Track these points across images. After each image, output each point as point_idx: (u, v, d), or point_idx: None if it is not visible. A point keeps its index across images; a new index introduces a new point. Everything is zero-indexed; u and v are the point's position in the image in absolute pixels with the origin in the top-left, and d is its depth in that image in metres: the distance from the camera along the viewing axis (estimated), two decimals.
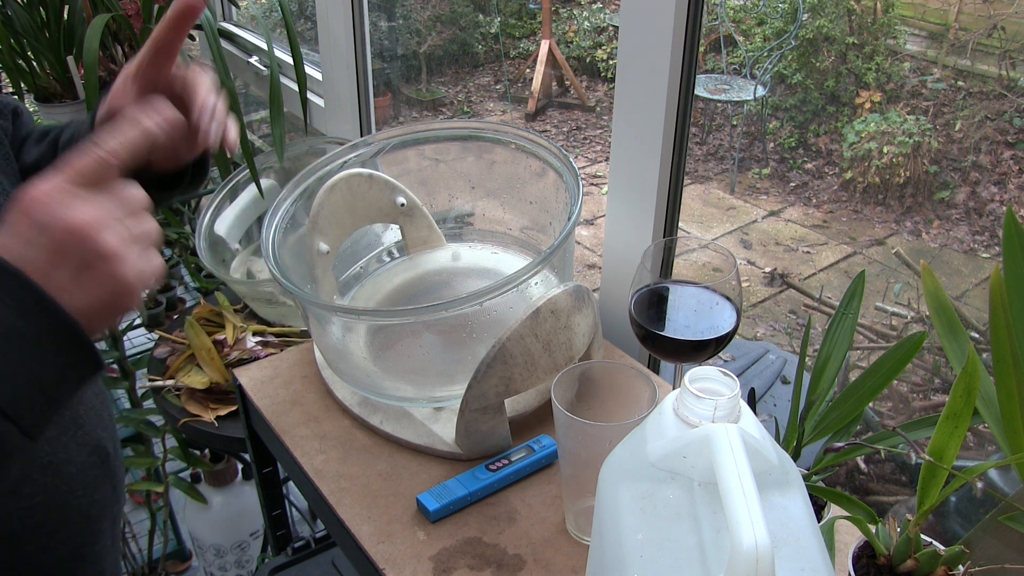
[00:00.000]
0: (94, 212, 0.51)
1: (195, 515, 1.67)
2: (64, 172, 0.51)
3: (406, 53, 4.94)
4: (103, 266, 0.51)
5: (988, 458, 1.46)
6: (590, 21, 5.00)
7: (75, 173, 0.51)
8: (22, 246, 0.50)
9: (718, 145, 4.17)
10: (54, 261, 0.50)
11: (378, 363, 0.95)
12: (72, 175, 0.51)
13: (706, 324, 0.80)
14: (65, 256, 0.50)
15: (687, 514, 0.50)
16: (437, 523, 0.81)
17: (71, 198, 0.51)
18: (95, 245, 0.50)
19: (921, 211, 3.31)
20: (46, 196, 0.50)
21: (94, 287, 0.51)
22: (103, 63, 1.48)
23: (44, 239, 0.50)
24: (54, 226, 0.50)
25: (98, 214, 0.51)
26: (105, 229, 0.51)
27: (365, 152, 1.06)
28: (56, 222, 0.50)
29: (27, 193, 0.51)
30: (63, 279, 0.50)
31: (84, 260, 0.50)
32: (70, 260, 0.50)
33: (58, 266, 0.50)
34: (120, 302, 0.53)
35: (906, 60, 3.62)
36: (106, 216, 0.51)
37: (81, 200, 0.51)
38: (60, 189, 0.51)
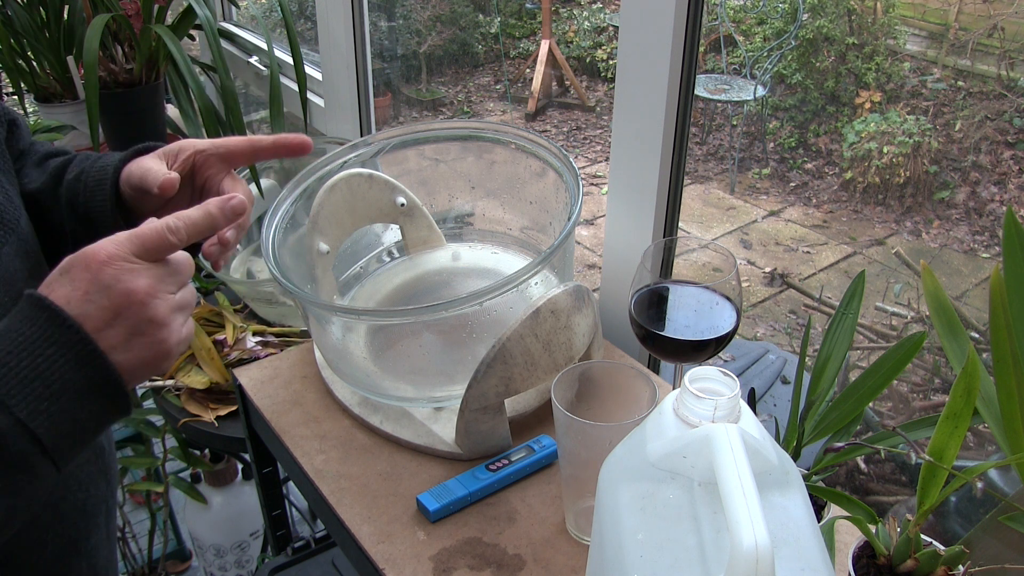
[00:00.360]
0: (151, 282, 0.56)
1: (195, 515, 1.67)
2: (131, 240, 0.57)
3: (406, 53, 4.94)
4: (153, 332, 0.57)
5: (988, 458, 1.46)
6: (590, 21, 5.00)
7: (140, 244, 0.57)
8: (82, 302, 0.55)
9: (718, 145, 4.17)
10: (109, 321, 0.55)
11: (378, 363, 0.95)
12: (138, 245, 0.57)
13: (706, 324, 0.80)
14: (120, 318, 0.55)
15: (687, 514, 0.50)
16: (437, 523, 0.81)
17: (134, 266, 0.56)
18: (149, 314, 0.56)
19: (921, 211, 3.31)
20: (110, 260, 0.56)
21: (141, 349, 0.56)
22: (103, 63, 1.48)
23: (103, 300, 0.55)
24: (115, 289, 0.55)
25: (154, 284, 0.57)
26: (158, 299, 0.57)
27: (365, 152, 1.06)
28: (117, 286, 0.55)
29: (94, 252, 0.56)
30: (115, 338, 0.55)
31: (136, 325, 0.56)
32: (124, 323, 0.56)
33: (112, 326, 0.55)
34: (159, 364, 0.58)
35: (906, 60, 3.62)
36: (160, 287, 0.57)
37: (142, 269, 0.56)
38: (125, 256, 0.56)
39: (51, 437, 0.53)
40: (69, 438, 0.55)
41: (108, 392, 0.56)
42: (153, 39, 1.48)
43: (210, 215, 0.60)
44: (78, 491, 0.78)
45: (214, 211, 0.60)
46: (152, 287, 0.56)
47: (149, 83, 1.54)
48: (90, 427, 0.56)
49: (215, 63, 1.37)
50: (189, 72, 1.37)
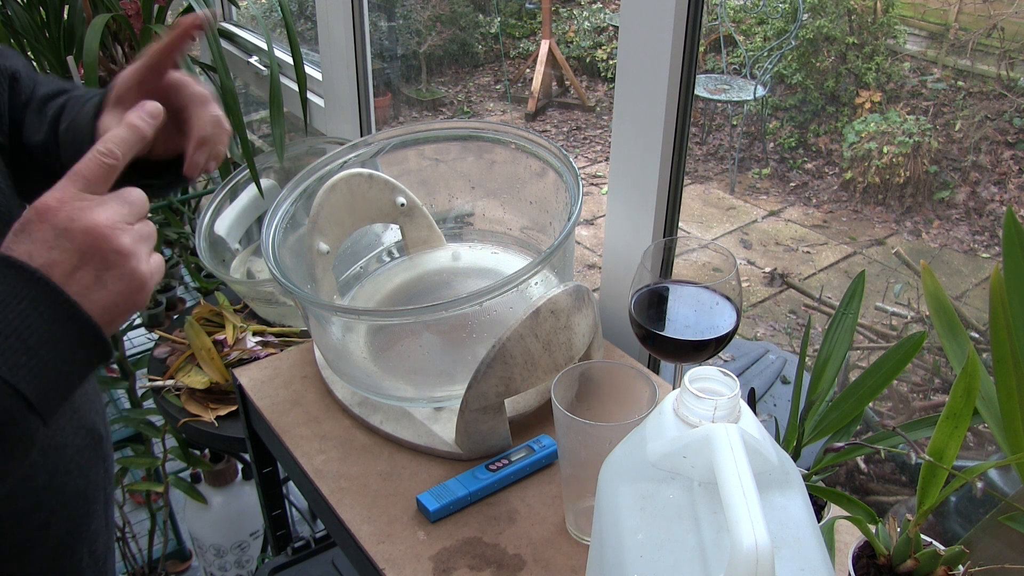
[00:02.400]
0: (108, 214, 0.55)
1: (195, 515, 1.67)
2: (73, 180, 0.56)
3: (406, 53, 4.94)
4: (123, 264, 0.56)
5: (988, 458, 1.46)
6: (590, 21, 5.00)
7: (83, 179, 0.56)
8: (45, 251, 0.54)
9: (718, 145, 4.17)
10: (76, 264, 0.54)
11: (378, 363, 0.95)
12: (81, 182, 0.56)
13: (706, 324, 0.80)
14: (87, 257, 0.55)
15: (687, 514, 0.50)
16: (437, 523, 0.81)
17: (85, 203, 0.55)
18: (114, 245, 0.55)
19: (921, 211, 3.31)
20: (61, 203, 0.55)
21: (114, 284, 0.56)
22: (103, 63, 1.48)
23: (65, 243, 0.54)
24: (74, 230, 0.54)
25: (112, 216, 0.56)
26: (119, 230, 0.56)
27: (365, 152, 1.06)
28: (75, 226, 0.54)
29: (43, 202, 0.55)
30: (86, 279, 0.55)
31: (105, 260, 0.55)
32: (92, 261, 0.55)
33: (80, 268, 0.54)
34: (136, 298, 0.57)
35: (906, 60, 3.62)
36: (117, 218, 0.56)
37: (95, 204, 0.55)
38: (73, 196, 0.55)
39: (34, 391, 0.53)
40: (53, 390, 0.55)
41: (86, 339, 0.55)
42: (153, 39, 1.48)
43: (133, 126, 0.58)
44: (79, 477, 0.80)
45: (136, 121, 0.59)
46: (109, 219, 0.55)
47: None
48: (72, 376, 0.56)
49: (215, 63, 1.37)
50: (189, 72, 1.37)
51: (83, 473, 0.81)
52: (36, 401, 0.54)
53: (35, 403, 0.54)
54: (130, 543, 1.83)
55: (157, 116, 0.60)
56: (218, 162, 0.73)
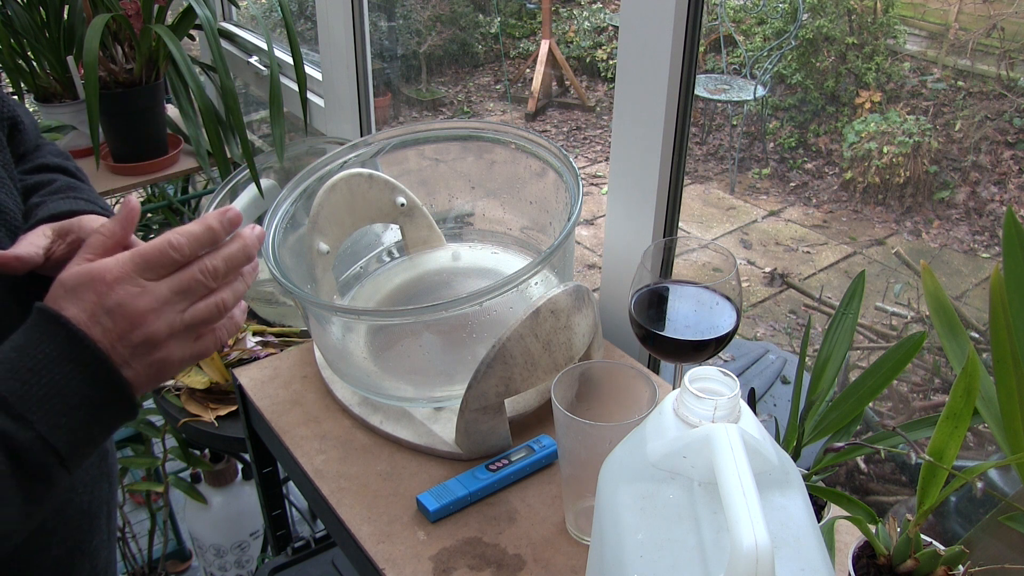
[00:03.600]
0: (154, 304, 0.57)
1: (195, 515, 1.67)
2: (134, 260, 0.57)
3: (406, 53, 4.94)
4: (152, 353, 0.58)
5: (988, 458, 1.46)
6: (590, 21, 5.00)
7: (144, 263, 0.58)
8: (89, 321, 0.56)
9: (718, 145, 4.17)
10: (114, 342, 0.57)
11: (378, 363, 0.95)
12: (141, 265, 0.57)
13: (706, 324, 0.80)
14: (123, 339, 0.57)
15: (687, 514, 0.50)
16: (437, 523, 0.81)
17: (137, 288, 0.57)
18: (148, 334, 0.57)
19: (921, 211, 3.31)
20: (117, 281, 0.57)
21: (143, 367, 0.58)
22: (103, 63, 1.48)
23: (108, 321, 0.57)
24: (118, 313, 0.57)
25: (157, 305, 0.58)
26: (159, 321, 0.58)
27: (365, 152, 1.06)
28: (121, 310, 0.57)
29: (99, 271, 0.57)
30: (121, 357, 0.57)
31: (138, 346, 0.58)
32: (128, 344, 0.57)
33: (117, 346, 0.57)
34: (161, 378, 0.61)
35: (906, 60, 3.62)
36: (165, 307, 0.58)
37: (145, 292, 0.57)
38: (129, 277, 0.57)
39: (68, 448, 0.56)
40: (82, 447, 0.58)
41: (119, 403, 0.58)
42: (153, 39, 1.48)
43: (210, 228, 0.60)
44: (83, 493, 0.79)
45: (213, 224, 0.60)
46: (153, 309, 0.57)
47: (149, 83, 1.54)
48: (101, 435, 0.59)
49: (215, 63, 1.37)
50: (189, 72, 1.37)
51: (88, 489, 0.80)
52: (68, 457, 0.56)
53: (67, 459, 0.56)
54: (130, 543, 1.83)
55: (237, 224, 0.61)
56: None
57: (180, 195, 1.86)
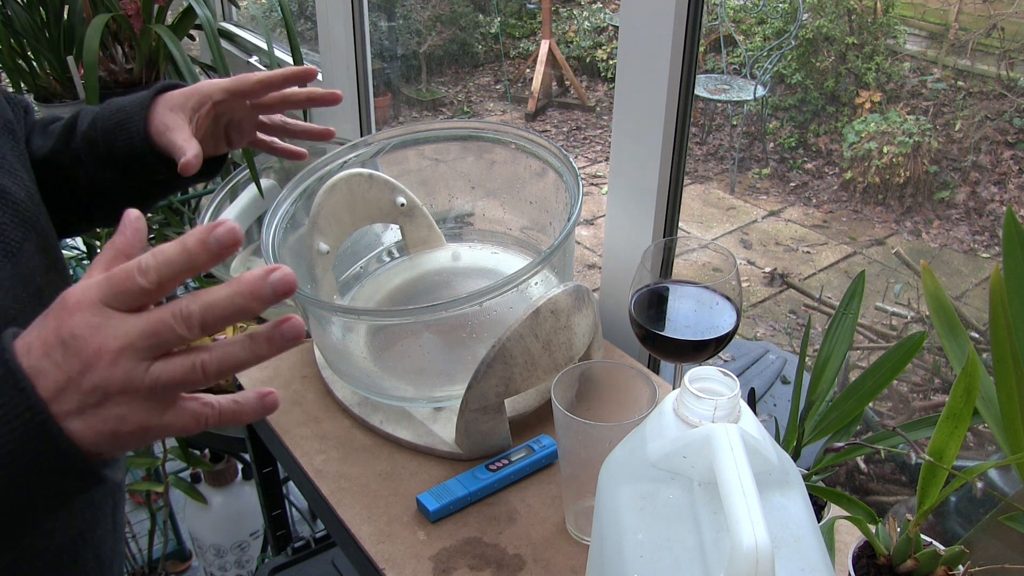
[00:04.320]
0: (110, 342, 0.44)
1: (195, 515, 1.67)
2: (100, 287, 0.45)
3: (406, 53, 4.94)
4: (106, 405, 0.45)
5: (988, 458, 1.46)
6: (590, 21, 5.00)
7: (108, 288, 0.45)
8: (41, 354, 0.45)
9: (718, 145, 4.17)
10: (63, 384, 0.45)
11: (378, 363, 0.95)
12: (106, 290, 0.45)
13: (706, 324, 0.80)
14: (72, 383, 0.45)
15: (687, 514, 0.50)
16: (437, 523, 0.81)
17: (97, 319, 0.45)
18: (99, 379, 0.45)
19: (921, 211, 3.31)
20: (76, 307, 0.45)
21: (97, 422, 0.45)
22: (103, 63, 1.48)
23: (58, 355, 0.45)
24: (70, 346, 0.45)
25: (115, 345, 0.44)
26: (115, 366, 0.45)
27: (365, 152, 1.06)
28: (73, 343, 0.45)
29: (65, 297, 0.46)
30: (70, 404, 0.45)
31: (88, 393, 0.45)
32: (77, 389, 0.45)
33: (66, 390, 0.45)
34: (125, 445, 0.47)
35: (906, 60, 3.62)
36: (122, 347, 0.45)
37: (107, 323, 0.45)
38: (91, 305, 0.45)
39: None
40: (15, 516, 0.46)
41: (63, 468, 0.46)
42: (153, 39, 1.48)
43: (185, 249, 0.44)
44: None
45: (190, 244, 0.44)
46: (110, 350, 0.44)
47: (149, 83, 1.54)
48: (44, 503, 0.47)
49: (215, 63, 1.37)
50: (189, 72, 1.37)
51: None
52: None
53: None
54: (130, 543, 1.83)
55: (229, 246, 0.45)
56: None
57: (180, 195, 1.86)
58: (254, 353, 0.48)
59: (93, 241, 1.63)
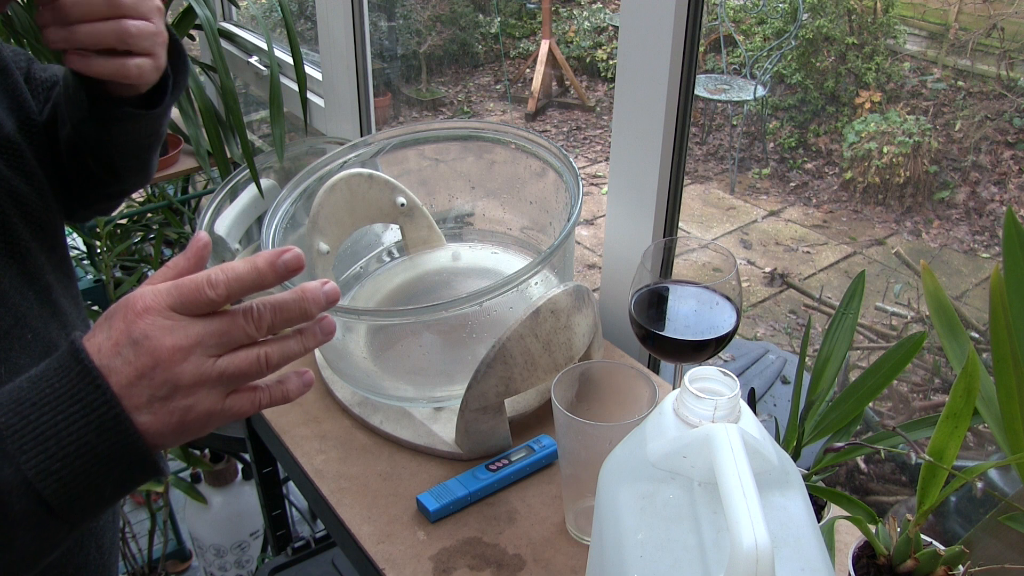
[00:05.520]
0: (182, 343, 0.50)
1: (195, 515, 1.67)
2: (169, 293, 0.51)
3: (406, 53, 4.94)
4: (177, 398, 0.51)
5: (988, 458, 1.46)
6: (590, 21, 5.00)
7: (178, 297, 0.50)
8: (111, 354, 0.50)
9: (718, 145, 4.17)
10: (133, 380, 0.50)
11: (378, 363, 0.95)
12: (175, 298, 0.50)
13: (706, 324, 0.80)
14: (143, 378, 0.50)
15: (687, 514, 0.50)
16: (437, 523, 0.81)
17: (167, 322, 0.50)
18: (171, 376, 0.50)
19: (921, 211, 3.31)
20: (146, 311, 0.50)
21: (164, 414, 0.51)
22: None
23: (130, 354, 0.50)
24: (142, 346, 0.50)
25: (186, 345, 0.50)
26: (186, 363, 0.50)
27: (365, 152, 1.06)
28: (145, 343, 0.50)
29: (132, 300, 0.51)
30: (138, 399, 0.50)
31: (158, 388, 0.50)
32: (147, 383, 0.50)
33: (135, 385, 0.50)
34: (187, 433, 0.52)
35: (906, 60, 3.62)
36: (196, 348, 0.50)
37: (175, 327, 0.50)
38: (160, 310, 0.50)
39: (59, 499, 0.50)
40: (82, 501, 0.51)
41: (131, 459, 0.51)
42: None
43: (256, 269, 0.51)
44: None
45: (261, 265, 0.51)
46: (181, 347, 0.50)
47: None
48: (110, 491, 0.52)
49: (215, 63, 1.37)
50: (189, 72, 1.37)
51: None
52: (59, 509, 0.50)
53: (58, 511, 0.50)
54: (130, 543, 1.83)
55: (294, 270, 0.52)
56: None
57: (180, 195, 1.86)
58: (304, 346, 0.55)
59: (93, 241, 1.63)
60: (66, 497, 0.50)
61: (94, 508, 0.52)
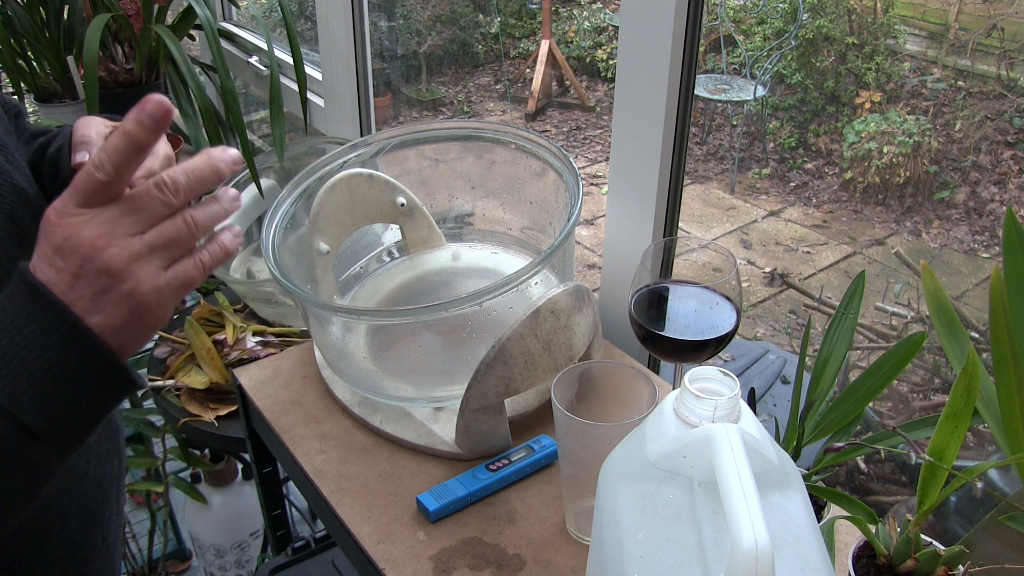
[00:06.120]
0: (99, 230, 0.50)
1: (195, 515, 1.67)
2: (70, 193, 0.51)
3: (406, 53, 4.94)
4: (116, 285, 0.50)
5: (988, 458, 1.46)
6: (590, 21, 5.00)
7: (78, 194, 0.51)
8: (45, 266, 0.51)
9: (718, 145, 4.17)
10: (71, 283, 0.50)
11: (378, 363, 0.95)
12: (77, 196, 0.51)
13: (706, 324, 0.80)
14: (79, 278, 0.50)
15: (687, 514, 0.50)
16: (437, 523, 0.81)
17: (78, 218, 0.50)
18: (101, 264, 0.50)
19: (921, 211, 3.31)
20: (60, 216, 0.51)
21: (111, 307, 0.51)
22: (103, 63, 1.48)
23: (60, 261, 0.50)
24: (66, 248, 0.50)
25: (103, 231, 0.50)
26: (111, 247, 0.50)
27: (365, 152, 1.06)
28: (67, 243, 0.50)
29: (45, 214, 0.51)
30: (83, 301, 0.50)
31: (95, 281, 0.50)
32: (84, 281, 0.50)
33: (74, 287, 0.50)
34: (145, 319, 0.52)
35: (906, 60, 3.62)
36: (114, 231, 0.50)
37: (87, 219, 0.50)
38: (70, 210, 0.51)
39: (37, 420, 0.50)
40: (62, 419, 0.51)
41: (99, 367, 0.51)
42: (153, 39, 1.48)
43: (127, 134, 0.50)
44: (97, 466, 0.83)
45: (130, 128, 0.50)
46: (100, 235, 0.50)
47: (149, 83, 1.54)
48: (88, 406, 0.53)
49: (215, 63, 1.37)
50: (189, 72, 1.37)
51: (101, 463, 0.83)
52: (40, 431, 0.50)
53: (39, 433, 0.50)
54: (130, 543, 1.82)
55: (160, 117, 0.50)
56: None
57: None
58: (224, 208, 0.55)
59: None
60: (43, 417, 0.50)
61: (77, 427, 0.53)
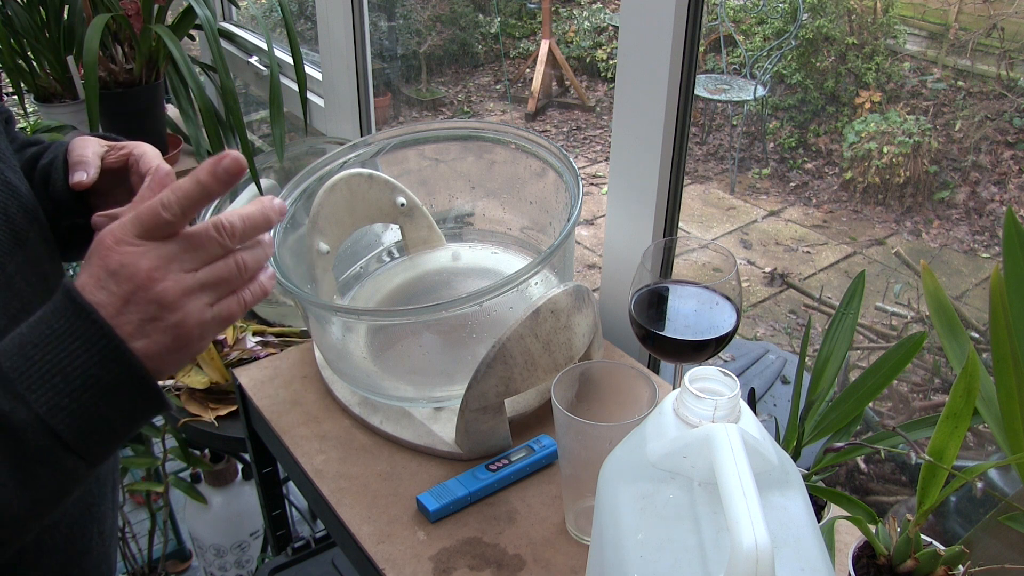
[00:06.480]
0: (155, 263, 0.53)
1: (195, 515, 1.67)
2: (132, 223, 0.53)
3: (406, 53, 4.94)
4: (165, 315, 0.53)
5: (988, 458, 1.46)
6: (590, 21, 5.00)
7: (139, 224, 0.53)
8: (95, 289, 0.53)
9: (718, 145, 4.17)
10: (120, 308, 0.53)
11: (378, 363, 0.95)
12: (137, 226, 0.53)
13: (706, 324, 0.80)
14: (130, 304, 0.53)
15: (687, 514, 0.50)
16: (437, 523, 0.81)
17: (137, 248, 0.53)
18: (155, 295, 0.53)
19: (921, 211, 3.31)
20: (117, 242, 0.53)
21: (157, 335, 0.54)
22: (103, 63, 1.48)
23: (112, 285, 0.53)
24: (120, 274, 0.53)
25: (160, 264, 0.53)
26: (165, 281, 0.53)
27: (365, 152, 1.06)
28: (123, 270, 0.53)
29: (102, 236, 0.54)
30: (129, 326, 0.53)
31: (146, 309, 0.53)
32: (134, 308, 0.53)
33: (123, 313, 0.53)
34: (184, 349, 0.55)
35: (906, 60, 3.62)
36: (170, 265, 0.53)
37: (146, 250, 0.53)
38: (128, 240, 0.53)
39: (73, 433, 0.52)
40: (95, 434, 0.54)
41: (135, 388, 0.54)
42: (153, 39, 1.48)
43: (199, 183, 0.54)
44: None
45: (203, 178, 0.54)
46: (157, 267, 0.53)
47: (149, 83, 1.54)
48: (120, 424, 0.55)
49: (215, 63, 1.37)
50: (189, 72, 1.37)
51: None
52: (74, 444, 0.53)
53: (73, 445, 0.53)
54: (130, 543, 1.82)
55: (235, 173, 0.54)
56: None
57: None
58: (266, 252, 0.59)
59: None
60: (79, 431, 0.53)
61: (107, 442, 0.55)
